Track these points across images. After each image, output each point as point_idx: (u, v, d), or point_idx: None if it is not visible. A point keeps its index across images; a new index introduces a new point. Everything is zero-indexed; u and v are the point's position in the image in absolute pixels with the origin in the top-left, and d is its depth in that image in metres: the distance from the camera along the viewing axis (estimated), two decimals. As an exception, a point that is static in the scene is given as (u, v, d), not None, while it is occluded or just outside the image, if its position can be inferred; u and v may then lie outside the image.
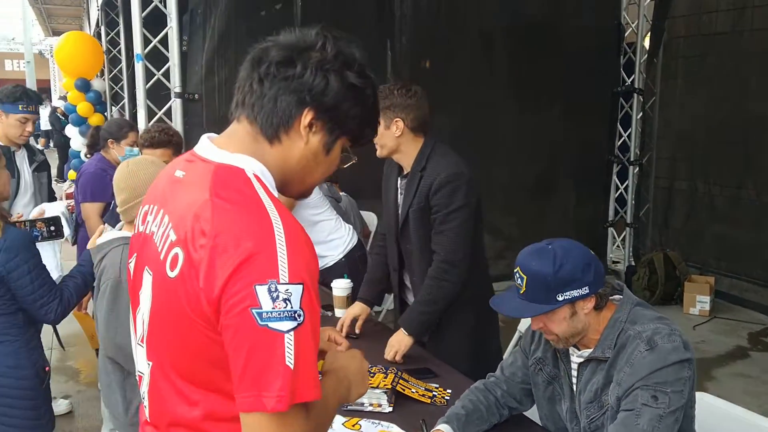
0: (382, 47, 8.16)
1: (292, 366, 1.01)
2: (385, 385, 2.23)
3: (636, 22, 6.83)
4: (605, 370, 1.77)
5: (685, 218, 6.68)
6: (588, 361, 1.83)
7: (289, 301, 1.02)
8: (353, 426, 2.08)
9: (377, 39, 7.81)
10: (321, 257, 3.56)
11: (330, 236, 3.54)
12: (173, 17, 4.67)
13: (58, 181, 12.45)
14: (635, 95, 6.81)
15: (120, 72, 9.39)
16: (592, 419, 1.81)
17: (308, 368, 1.04)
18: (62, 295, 2.42)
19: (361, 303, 2.86)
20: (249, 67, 1.18)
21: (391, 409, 2.16)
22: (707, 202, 6.46)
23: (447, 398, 2.25)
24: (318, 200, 3.57)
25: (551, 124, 6.80)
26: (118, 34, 9.17)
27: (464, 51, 6.96)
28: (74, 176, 8.97)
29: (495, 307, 1.82)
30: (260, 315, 1.01)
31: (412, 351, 2.60)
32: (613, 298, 1.85)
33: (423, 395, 2.24)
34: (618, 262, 7.16)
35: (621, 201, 7.15)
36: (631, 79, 6.83)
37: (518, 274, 1.74)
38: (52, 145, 16.73)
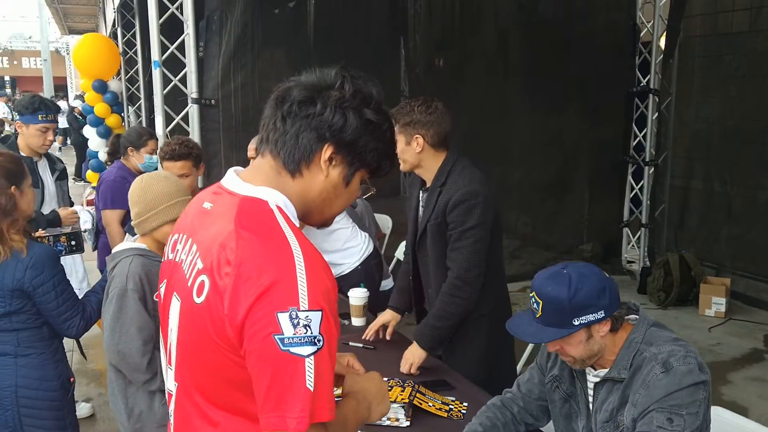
0: (396, 45, 8.18)
1: (312, 388, 1.07)
2: (402, 399, 2.27)
3: (651, 22, 6.79)
4: (621, 391, 1.80)
5: (701, 219, 6.65)
6: (604, 381, 1.85)
7: (309, 327, 1.08)
8: (372, 440, 2.12)
9: (390, 37, 7.84)
10: (337, 265, 3.60)
11: (346, 244, 3.58)
12: (190, 24, 4.72)
13: (77, 180, 12.58)
14: (651, 95, 6.77)
15: (136, 73, 9.47)
16: (608, 438, 1.83)
17: (326, 390, 1.10)
18: (84, 311, 2.47)
19: (392, 310, 2.91)
20: (273, 106, 1.25)
21: (409, 424, 2.20)
22: (723, 203, 6.42)
23: (463, 412, 2.28)
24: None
25: (566, 124, 6.79)
26: (134, 36, 9.25)
27: (478, 50, 6.97)
28: (91, 176, 9.10)
29: (511, 331, 1.84)
30: (282, 341, 1.07)
31: (429, 363, 2.64)
32: (629, 318, 1.87)
33: (440, 409, 2.28)
34: (633, 262, 7.14)
35: (636, 201, 7.12)
36: (647, 80, 6.79)
37: (534, 299, 1.76)
38: (70, 143, 16.88)
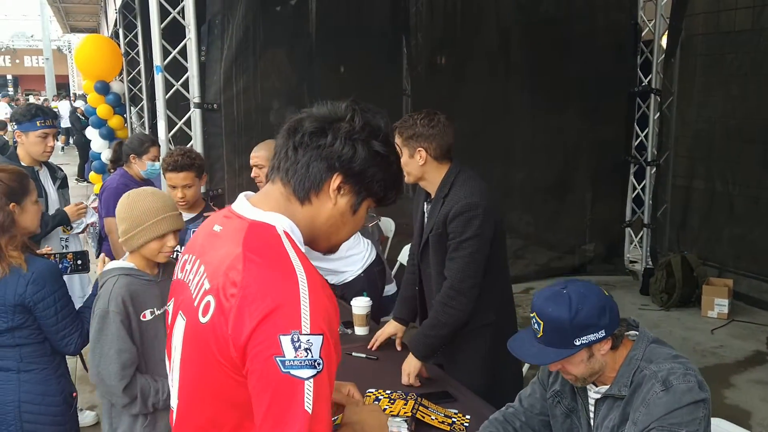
0: (398, 44, 8.17)
1: (311, 411, 1.10)
2: (405, 413, 2.28)
3: (653, 21, 6.78)
4: (621, 408, 1.81)
5: (703, 218, 6.64)
6: (605, 398, 1.86)
7: (310, 351, 1.11)
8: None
9: (393, 35, 7.83)
10: (340, 272, 3.62)
11: (349, 251, 3.58)
12: (191, 28, 4.72)
13: (79, 180, 12.62)
14: (652, 95, 6.77)
15: (138, 74, 9.48)
16: (609, 454, 1.84)
17: (324, 414, 1.13)
18: (83, 327, 2.47)
19: (396, 322, 2.94)
20: (285, 136, 1.29)
21: (411, 437, 2.21)
22: (725, 202, 6.42)
23: (466, 424, 2.30)
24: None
25: (568, 124, 6.79)
26: (136, 37, 9.25)
27: (480, 49, 6.96)
28: (94, 178, 9.12)
29: (513, 352, 1.85)
30: (283, 363, 1.10)
31: (431, 373, 2.66)
32: (629, 334, 1.88)
33: (443, 422, 2.29)
34: (635, 262, 7.16)
35: (638, 201, 7.13)
36: (648, 79, 6.79)
37: (535, 319, 1.77)
38: (72, 143, 16.92)
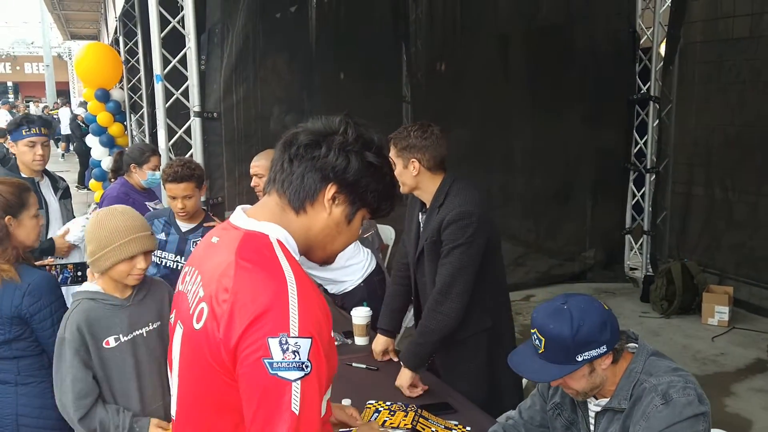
0: (398, 50, 8.18)
1: (297, 412, 1.13)
2: (406, 425, 2.28)
3: (651, 29, 6.80)
4: (621, 421, 1.81)
5: (703, 225, 6.64)
6: (605, 411, 1.86)
7: (298, 353, 1.14)
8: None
9: (392, 42, 7.84)
10: (340, 282, 3.62)
11: (348, 261, 3.59)
12: (191, 38, 4.73)
13: (79, 188, 12.62)
14: (651, 102, 6.78)
15: (139, 82, 9.49)
16: (610, 467, 1.84)
17: (312, 416, 1.16)
18: None
19: (383, 336, 2.94)
20: (281, 149, 1.33)
21: (412, 449, 2.22)
22: (725, 209, 6.42)
23: (466, 436, 2.30)
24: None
25: (567, 131, 6.80)
26: (137, 44, 9.27)
27: (479, 56, 6.97)
28: (94, 185, 9.13)
29: (514, 368, 1.85)
30: (271, 365, 1.13)
31: (432, 384, 2.66)
32: (628, 347, 1.89)
33: (442, 434, 2.29)
34: (636, 269, 7.16)
35: (638, 208, 7.14)
36: (647, 87, 6.81)
37: (536, 336, 1.77)
38: (72, 150, 16.93)
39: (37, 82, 32.21)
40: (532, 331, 1.79)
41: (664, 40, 6.59)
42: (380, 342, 2.94)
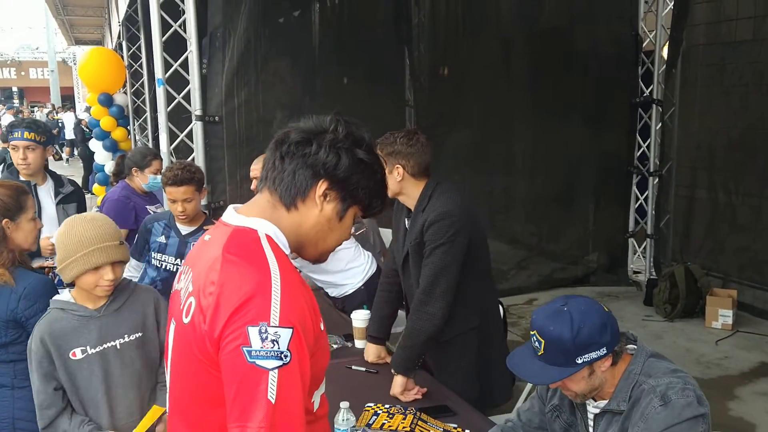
0: (400, 54, 8.19)
1: (273, 401, 1.12)
2: (404, 428, 2.27)
3: (654, 32, 6.79)
4: (620, 423, 1.80)
5: (707, 228, 6.61)
6: (604, 413, 1.85)
7: (277, 342, 1.14)
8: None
9: (395, 46, 7.84)
10: (340, 285, 3.62)
11: (349, 264, 3.59)
12: (193, 41, 4.74)
13: (84, 192, 12.64)
14: (654, 105, 6.76)
15: (142, 86, 9.52)
16: (609, 469, 1.83)
17: (291, 405, 1.15)
18: None
19: (374, 344, 2.93)
20: (273, 148, 1.35)
21: (410, 452, 2.20)
22: (729, 212, 6.39)
23: (465, 439, 2.29)
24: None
25: (570, 134, 6.78)
26: (140, 49, 9.29)
27: (482, 59, 6.96)
28: (98, 189, 9.14)
29: (513, 370, 1.84)
30: (250, 353, 1.14)
31: (430, 387, 2.65)
32: (627, 348, 1.87)
33: (441, 436, 2.28)
34: (639, 273, 7.13)
35: (641, 211, 7.12)
36: (650, 90, 6.79)
37: (535, 338, 1.76)
38: (77, 154, 16.97)
39: (42, 88, 32.33)
40: (532, 333, 1.78)
41: (667, 43, 6.58)
42: (371, 351, 2.93)
